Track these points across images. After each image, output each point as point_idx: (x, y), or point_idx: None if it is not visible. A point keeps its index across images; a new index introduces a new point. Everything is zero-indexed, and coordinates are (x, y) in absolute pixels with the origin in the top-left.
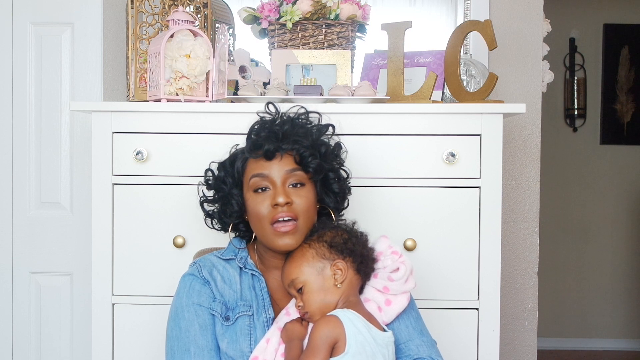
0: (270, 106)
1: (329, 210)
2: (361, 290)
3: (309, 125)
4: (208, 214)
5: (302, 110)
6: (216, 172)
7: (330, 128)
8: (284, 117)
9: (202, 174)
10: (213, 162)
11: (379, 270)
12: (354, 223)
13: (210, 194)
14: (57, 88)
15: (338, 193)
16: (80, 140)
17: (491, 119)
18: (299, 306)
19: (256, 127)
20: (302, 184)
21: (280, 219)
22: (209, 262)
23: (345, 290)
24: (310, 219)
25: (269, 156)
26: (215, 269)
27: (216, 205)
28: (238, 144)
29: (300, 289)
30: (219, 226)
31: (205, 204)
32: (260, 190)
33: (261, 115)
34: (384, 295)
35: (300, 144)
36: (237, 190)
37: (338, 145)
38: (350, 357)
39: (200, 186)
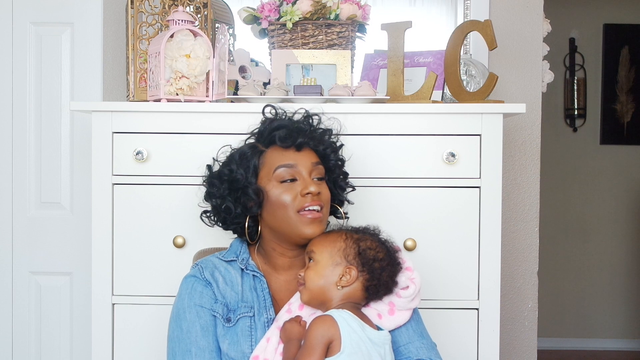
0: (272, 109)
1: (334, 208)
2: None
3: (320, 127)
4: (215, 208)
5: (313, 112)
6: (220, 168)
7: (335, 131)
8: (295, 117)
9: (202, 174)
10: (216, 160)
11: None
12: (398, 250)
13: (213, 191)
14: (57, 88)
15: (345, 189)
16: (80, 140)
17: (491, 119)
18: (299, 275)
19: (275, 124)
20: (322, 178)
21: (308, 207)
22: (211, 263)
23: (344, 295)
24: (329, 211)
25: (300, 147)
26: (217, 270)
27: (224, 200)
28: (230, 144)
29: (311, 259)
30: (221, 223)
31: (211, 200)
32: (288, 181)
33: (270, 116)
34: (387, 306)
35: (322, 142)
36: (254, 179)
37: (340, 147)
38: (346, 356)
39: (203, 184)
